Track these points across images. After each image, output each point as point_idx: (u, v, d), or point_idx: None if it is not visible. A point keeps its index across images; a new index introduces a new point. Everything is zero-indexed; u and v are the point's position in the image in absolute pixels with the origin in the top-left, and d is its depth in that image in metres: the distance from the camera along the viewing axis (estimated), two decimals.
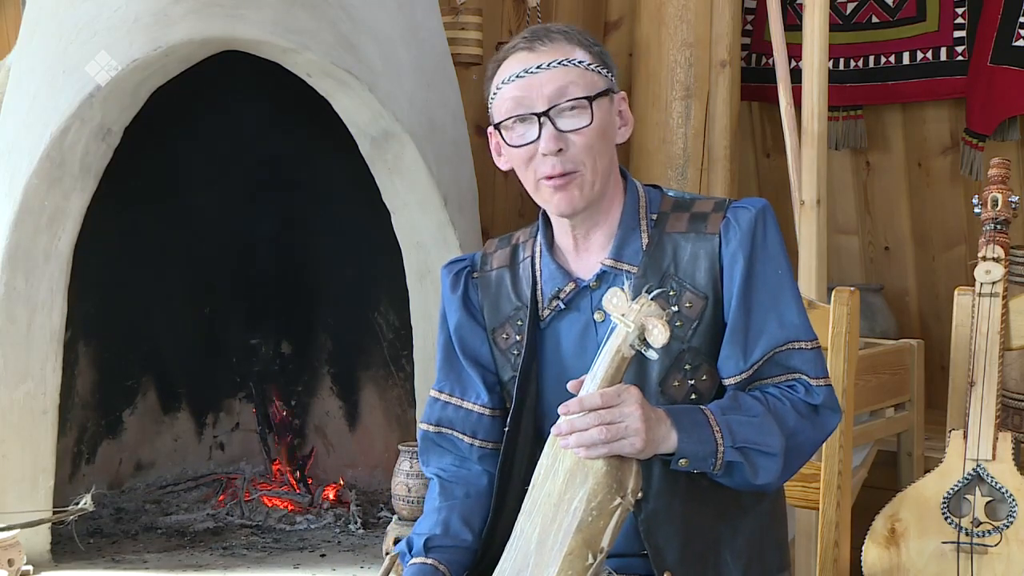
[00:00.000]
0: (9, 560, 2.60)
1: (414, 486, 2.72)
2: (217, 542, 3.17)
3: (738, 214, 1.83)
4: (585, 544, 1.63)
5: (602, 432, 1.62)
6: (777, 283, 1.81)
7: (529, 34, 1.84)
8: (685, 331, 1.80)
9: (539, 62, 1.79)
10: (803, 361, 1.81)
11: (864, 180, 4.20)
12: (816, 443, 1.84)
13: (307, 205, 3.52)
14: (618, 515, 1.65)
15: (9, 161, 2.97)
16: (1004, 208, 2.61)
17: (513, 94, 1.80)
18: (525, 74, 1.79)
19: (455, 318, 1.97)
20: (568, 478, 1.67)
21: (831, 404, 1.82)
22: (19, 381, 2.92)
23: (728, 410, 1.75)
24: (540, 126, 1.78)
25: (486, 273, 1.97)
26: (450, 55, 3.38)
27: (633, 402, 1.65)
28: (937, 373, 3.81)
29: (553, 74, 1.79)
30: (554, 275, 1.89)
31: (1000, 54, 3.69)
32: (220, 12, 2.87)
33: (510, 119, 1.81)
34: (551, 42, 1.81)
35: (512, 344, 1.91)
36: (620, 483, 1.65)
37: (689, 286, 1.81)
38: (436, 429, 1.96)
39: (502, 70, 1.83)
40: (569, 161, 1.79)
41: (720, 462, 1.72)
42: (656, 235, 1.85)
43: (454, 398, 1.95)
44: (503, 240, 2.01)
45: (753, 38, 4.21)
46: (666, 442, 1.69)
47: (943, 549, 2.49)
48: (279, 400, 3.63)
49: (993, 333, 2.55)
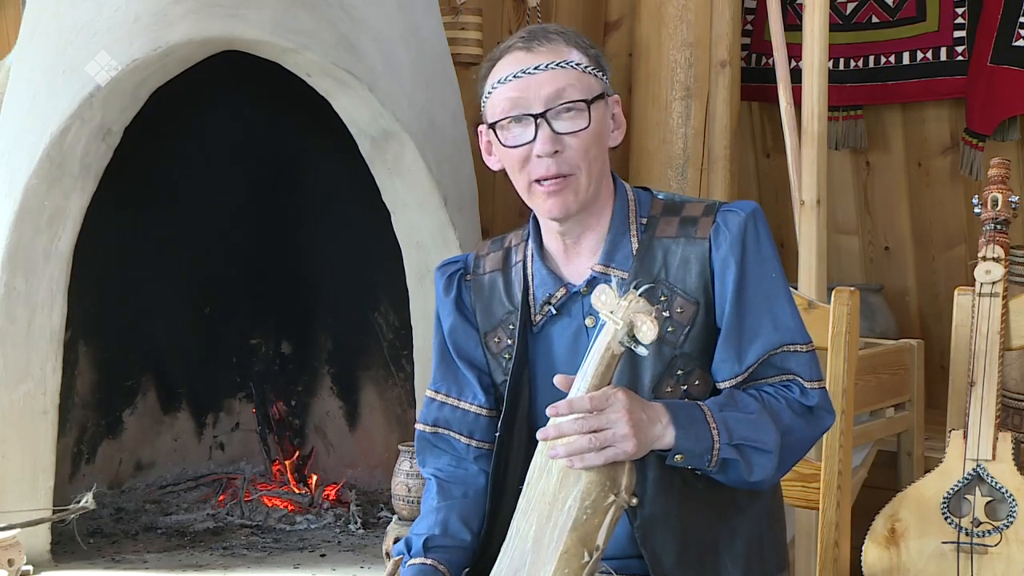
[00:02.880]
0: (9, 560, 2.60)
1: (414, 486, 2.72)
2: (217, 542, 3.17)
3: (728, 218, 1.81)
4: (580, 542, 1.63)
5: (591, 440, 1.61)
6: (770, 286, 1.81)
7: (526, 34, 1.82)
8: (677, 336, 1.80)
9: (537, 63, 1.78)
10: (798, 364, 1.81)
11: (864, 180, 4.20)
12: (810, 442, 1.84)
13: (307, 205, 3.52)
14: (612, 513, 1.65)
15: (9, 161, 2.97)
16: (1004, 208, 2.61)
17: (509, 94, 1.78)
18: (522, 74, 1.78)
19: (449, 321, 1.96)
20: (562, 477, 1.67)
21: (825, 407, 1.83)
22: (19, 381, 2.92)
23: (725, 407, 1.75)
24: (536, 127, 1.77)
25: (479, 276, 1.96)
26: (450, 55, 3.37)
27: (620, 407, 1.63)
28: (937, 373, 3.81)
29: (550, 75, 1.77)
30: (545, 280, 1.88)
31: (1000, 54, 3.69)
32: (220, 12, 2.87)
33: (506, 119, 1.79)
34: (548, 43, 1.80)
35: (504, 348, 1.90)
36: (613, 481, 1.65)
37: (680, 291, 1.80)
38: (432, 429, 1.97)
39: (497, 69, 1.82)
40: (565, 164, 1.78)
41: (716, 459, 1.72)
42: (646, 240, 1.84)
43: (451, 398, 1.95)
44: (495, 242, 2.00)
45: (753, 38, 4.21)
46: (662, 439, 1.69)
47: (943, 549, 2.49)
48: (279, 400, 3.63)
49: (993, 333, 2.55)
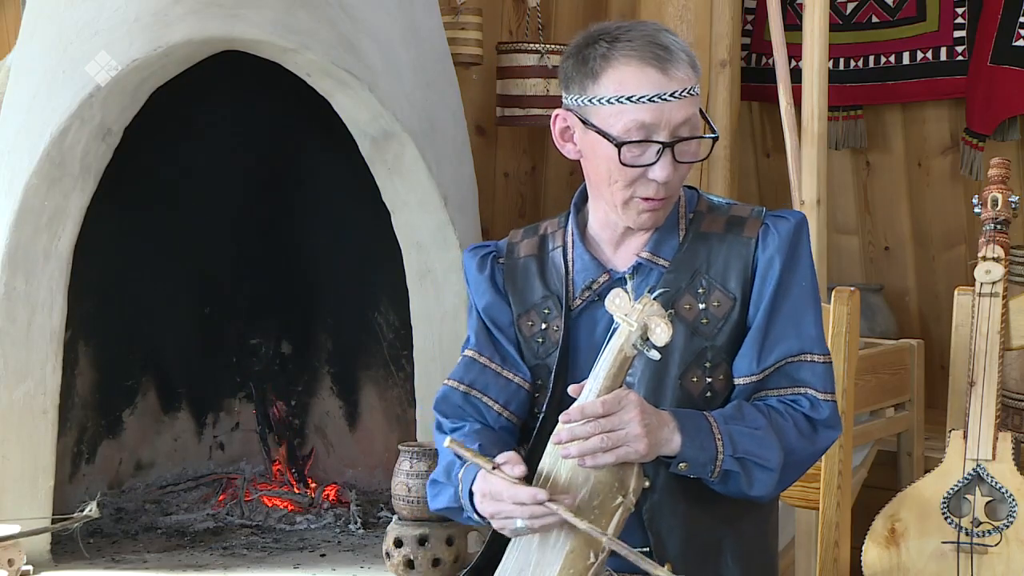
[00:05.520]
0: (9, 560, 2.60)
1: (414, 486, 2.72)
2: (217, 542, 3.17)
3: (778, 223, 1.86)
4: (587, 543, 1.64)
5: (603, 440, 1.63)
6: (802, 295, 1.85)
7: (652, 44, 1.78)
8: (711, 329, 1.83)
9: (671, 89, 1.77)
10: (813, 374, 1.84)
11: (864, 180, 4.19)
12: (814, 459, 1.87)
13: (307, 205, 3.52)
14: (619, 514, 1.65)
15: (9, 161, 2.97)
16: (1004, 208, 2.61)
17: (641, 117, 1.77)
18: (658, 99, 1.77)
19: (485, 299, 1.96)
20: (570, 478, 1.68)
21: (833, 421, 1.85)
22: (19, 381, 2.92)
23: (731, 419, 1.76)
24: (659, 154, 1.78)
25: (513, 260, 1.97)
26: (450, 55, 3.37)
27: (633, 408, 1.66)
28: (937, 373, 3.81)
29: (682, 104, 1.78)
30: (587, 266, 1.90)
31: (1000, 54, 3.69)
32: (220, 12, 2.87)
33: (632, 142, 1.78)
34: (678, 65, 1.78)
35: (537, 332, 1.91)
36: (622, 482, 1.66)
37: (719, 286, 1.84)
38: (466, 389, 1.93)
39: (623, 75, 1.78)
40: (671, 188, 1.82)
41: (719, 470, 1.74)
42: (692, 234, 1.88)
43: (494, 364, 1.93)
44: (528, 230, 2.01)
45: (753, 38, 4.21)
46: (669, 444, 1.71)
47: (943, 549, 2.49)
48: (279, 400, 3.62)
49: (993, 333, 2.55)
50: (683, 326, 1.82)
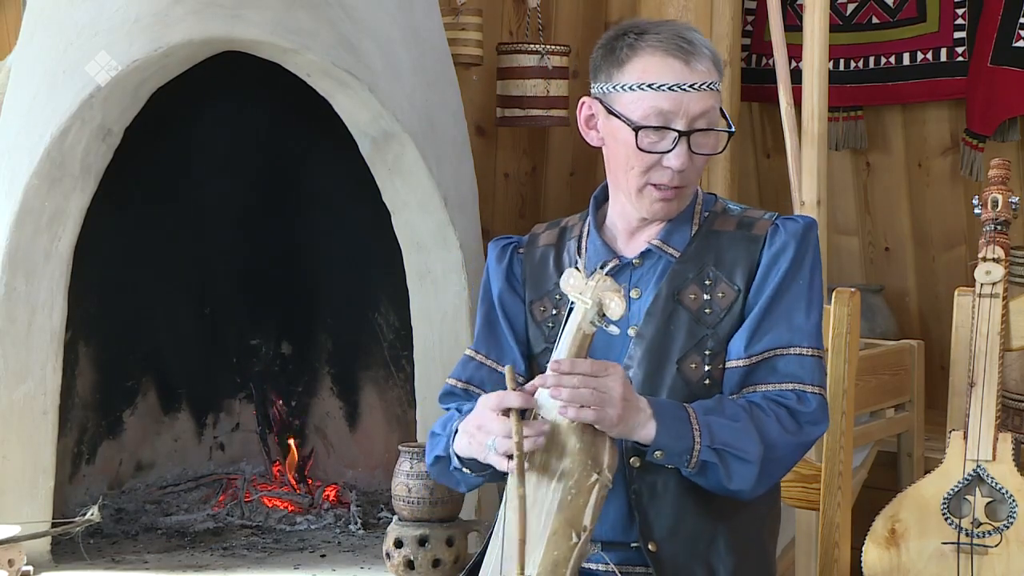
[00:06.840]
0: (9, 560, 2.61)
1: (414, 486, 2.72)
2: (217, 542, 3.17)
3: (787, 223, 1.92)
4: (568, 523, 1.66)
5: (592, 393, 1.66)
6: (800, 291, 1.88)
7: (677, 38, 1.85)
8: (714, 319, 1.87)
9: (692, 81, 1.83)
10: (801, 366, 1.86)
11: (864, 180, 4.19)
12: (799, 453, 1.88)
13: (307, 205, 3.52)
14: (596, 491, 1.68)
15: (9, 161, 2.97)
16: (1004, 209, 2.61)
17: (660, 104, 1.83)
18: (678, 89, 1.83)
19: (498, 286, 2.03)
20: (543, 461, 1.70)
21: (819, 416, 1.86)
22: (19, 381, 2.92)
23: (710, 411, 1.79)
24: (676, 143, 1.83)
25: (532, 250, 2.03)
26: (450, 55, 3.37)
27: (618, 377, 1.70)
28: (937, 373, 3.81)
29: (702, 96, 1.84)
30: (599, 251, 1.95)
31: (1000, 55, 3.69)
32: (220, 12, 2.87)
33: (649, 127, 1.84)
34: (701, 59, 1.84)
35: (548, 317, 1.96)
36: (595, 459, 1.69)
37: (725, 279, 1.89)
38: (464, 386, 2.01)
39: (647, 63, 1.84)
40: (686, 177, 1.87)
41: (695, 460, 1.75)
42: (704, 229, 1.93)
43: (490, 360, 2.00)
44: (552, 224, 2.08)
45: (753, 38, 4.21)
46: (643, 429, 1.73)
47: (943, 550, 2.49)
48: (279, 400, 3.62)
49: (993, 334, 2.55)
50: (687, 314, 1.87)
